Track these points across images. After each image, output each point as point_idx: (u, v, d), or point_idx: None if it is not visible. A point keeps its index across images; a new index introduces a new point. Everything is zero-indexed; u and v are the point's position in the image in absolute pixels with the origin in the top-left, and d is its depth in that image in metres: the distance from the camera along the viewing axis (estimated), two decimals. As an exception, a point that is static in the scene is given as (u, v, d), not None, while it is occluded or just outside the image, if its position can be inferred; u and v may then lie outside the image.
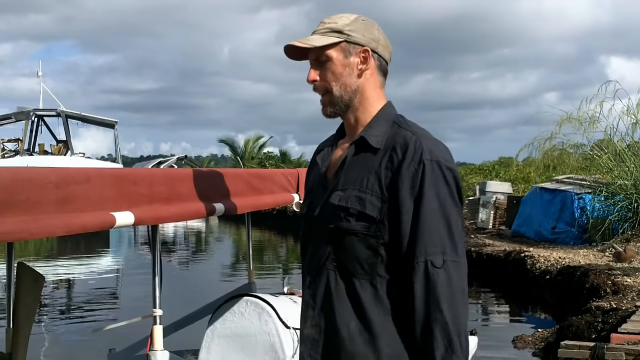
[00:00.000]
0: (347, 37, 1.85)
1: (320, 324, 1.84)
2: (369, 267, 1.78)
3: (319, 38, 1.85)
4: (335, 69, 1.86)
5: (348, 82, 1.87)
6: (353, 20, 1.88)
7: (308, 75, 1.89)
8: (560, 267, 10.45)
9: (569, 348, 5.65)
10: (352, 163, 1.85)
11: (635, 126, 14.25)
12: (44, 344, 8.19)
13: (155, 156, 46.61)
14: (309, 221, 1.93)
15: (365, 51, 1.87)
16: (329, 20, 1.89)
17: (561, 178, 15.64)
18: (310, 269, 1.89)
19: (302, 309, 1.92)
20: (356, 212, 1.78)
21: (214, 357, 3.10)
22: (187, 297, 9.13)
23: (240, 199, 2.89)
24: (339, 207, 1.81)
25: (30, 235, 1.70)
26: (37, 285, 2.36)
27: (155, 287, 2.64)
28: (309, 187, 2.01)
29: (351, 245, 1.79)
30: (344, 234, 1.80)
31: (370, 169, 1.81)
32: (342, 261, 1.81)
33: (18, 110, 25.63)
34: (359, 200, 1.79)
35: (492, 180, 22.51)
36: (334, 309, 1.81)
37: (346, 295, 1.80)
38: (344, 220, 1.80)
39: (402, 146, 1.79)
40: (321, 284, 1.84)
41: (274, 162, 37.94)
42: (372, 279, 1.78)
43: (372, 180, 1.79)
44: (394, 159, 1.79)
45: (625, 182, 13.22)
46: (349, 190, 1.81)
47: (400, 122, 1.88)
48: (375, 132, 1.85)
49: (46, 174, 1.81)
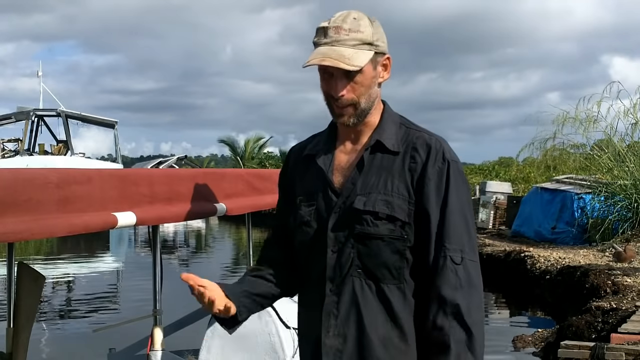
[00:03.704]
0: (376, 49, 1.80)
1: (345, 333, 1.78)
2: (397, 272, 1.77)
3: (355, 54, 1.76)
4: (365, 82, 1.80)
5: (373, 93, 1.83)
6: (371, 26, 1.80)
7: (336, 89, 1.78)
8: (560, 267, 10.45)
9: (569, 348, 5.65)
10: (370, 168, 1.81)
11: (635, 126, 14.27)
12: (44, 344, 8.20)
13: (156, 156, 46.58)
14: (315, 229, 1.84)
15: (388, 59, 1.84)
16: (348, 26, 1.77)
17: (561, 178, 15.65)
18: (329, 278, 1.81)
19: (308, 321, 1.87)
20: (385, 215, 1.76)
21: (214, 357, 3.10)
22: (187, 297, 9.12)
23: (240, 199, 2.90)
24: (366, 212, 1.77)
25: (31, 236, 1.70)
26: (38, 285, 2.36)
27: (156, 287, 2.65)
28: (309, 191, 1.88)
29: (378, 250, 1.77)
30: (370, 239, 1.77)
31: (393, 172, 1.79)
32: (368, 267, 1.78)
33: (18, 110, 25.61)
34: (387, 204, 1.76)
35: (492, 180, 22.53)
36: (362, 316, 1.77)
37: (375, 302, 1.77)
38: (371, 224, 1.76)
39: (422, 147, 1.80)
40: (345, 291, 1.79)
41: (274, 162, 37.92)
42: (400, 283, 1.77)
43: (397, 183, 1.78)
44: (417, 159, 1.79)
45: (625, 182, 13.22)
46: (373, 194, 1.78)
47: (406, 123, 1.88)
48: (388, 135, 1.83)
49: (47, 174, 1.81)
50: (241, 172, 3.32)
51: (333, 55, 1.75)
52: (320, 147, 1.91)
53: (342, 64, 1.74)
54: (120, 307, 10.84)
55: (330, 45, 1.77)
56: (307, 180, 1.90)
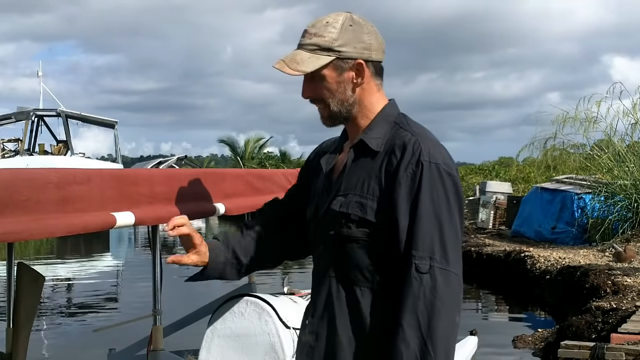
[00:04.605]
0: (338, 54, 1.76)
1: (319, 332, 1.81)
2: (370, 275, 1.75)
3: (308, 59, 1.75)
4: (329, 86, 1.78)
5: (344, 97, 1.79)
6: (340, 30, 1.76)
7: (302, 91, 1.82)
8: (560, 267, 10.45)
9: (569, 348, 5.66)
10: (353, 167, 1.80)
11: (635, 126, 14.27)
12: (44, 344, 8.20)
13: (156, 156, 46.60)
14: (312, 227, 1.89)
15: (359, 64, 1.78)
16: (315, 31, 1.77)
17: (561, 178, 15.66)
18: (314, 276, 1.86)
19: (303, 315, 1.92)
20: (357, 218, 1.74)
21: (214, 357, 3.10)
22: (187, 297, 9.13)
23: (240, 199, 2.89)
24: (340, 214, 1.76)
25: (30, 236, 1.70)
26: (38, 285, 2.36)
27: (156, 287, 2.65)
28: (314, 191, 1.93)
29: (352, 253, 1.75)
30: (345, 241, 1.76)
31: (371, 172, 1.76)
32: (342, 269, 1.77)
33: (18, 110, 25.61)
34: (360, 205, 1.74)
35: (492, 180, 22.53)
36: (334, 317, 1.77)
37: (347, 304, 1.76)
38: (344, 226, 1.75)
39: (400, 147, 1.74)
40: (323, 291, 1.81)
41: (274, 162, 37.93)
42: (373, 286, 1.75)
43: (373, 185, 1.74)
44: (393, 161, 1.73)
45: (625, 182, 13.22)
46: (350, 195, 1.76)
47: (401, 122, 1.81)
48: (375, 134, 1.79)
49: (47, 174, 1.81)
50: (241, 172, 3.32)
51: (287, 59, 1.77)
52: (332, 146, 1.94)
53: (286, 68, 1.75)
54: (120, 307, 10.84)
55: (296, 49, 1.79)
56: (316, 178, 1.94)
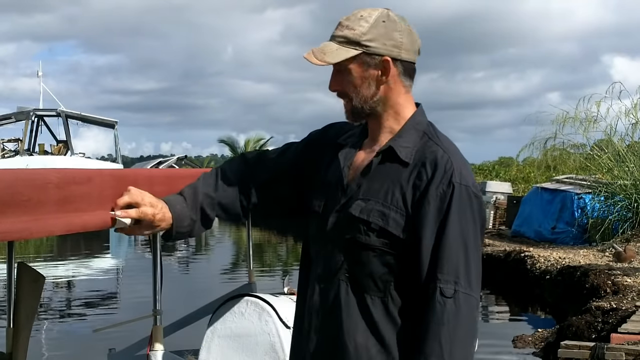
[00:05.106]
0: (365, 49, 1.73)
1: (323, 334, 1.77)
2: (383, 285, 1.70)
3: (335, 51, 1.73)
4: (354, 81, 1.76)
5: (367, 94, 1.76)
6: (372, 25, 1.73)
7: (330, 84, 1.80)
8: (560, 267, 10.46)
9: (569, 348, 5.66)
10: (376, 172, 1.75)
11: (635, 126, 14.28)
12: (44, 344, 8.21)
13: (156, 156, 46.60)
14: (320, 223, 1.81)
15: (386, 61, 1.74)
16: (347, 23, 1.75)
17: (561, 178, 15.68)
18: (320, 277, 1.80)
19: (301, 314, 1.86)
20: (378, 227, 1.69)
21: (214, 357, 3.10)
22: (187, 297, 9.14)
23: (240, 199, 2.89)
24: (359, 220, 1.71)
25: (30, 235, 1.70)
26: (38, 285, 2.36)
27: (156, 287, 2.64)
28: (324, 180, 1.85)
29: (367, 261, 1.71)
30: (361, 248, 1.71)
31: (396, 182, 1.71)
32: (355, 274, 1.73)
33: (18, 110, 25.66)
34: (382, 215, 1.70)
35: (492, 180, 22.54)
36: (342, 321, 1.73)
37: (356, 310, 1.72)
38: (363, 233, 1.71)
39: (432, 163, 1.70)
40: (331, 294, 1.76)
41: (274, 162, 37.88)
42: (384, 297, 1.71)
43: (397, 195, 1.70)
44: (423, 176, 1.69)
45: (625, 182, 13.24)
46: (371, 202, 1.72)
47: (430, 133, 1.77)
48: (405, 142, 1.74)
49: (47, 174, 1.81)
50: (241, 172, 3.31)
51: (317, 49, 1.75)
52: (351, 139, 1.88)
53: (313, 58, 1.73)
54: (120, 307, 10.86)
55: (329, 40, 1.77)
56: (330, 168, 1.86)
